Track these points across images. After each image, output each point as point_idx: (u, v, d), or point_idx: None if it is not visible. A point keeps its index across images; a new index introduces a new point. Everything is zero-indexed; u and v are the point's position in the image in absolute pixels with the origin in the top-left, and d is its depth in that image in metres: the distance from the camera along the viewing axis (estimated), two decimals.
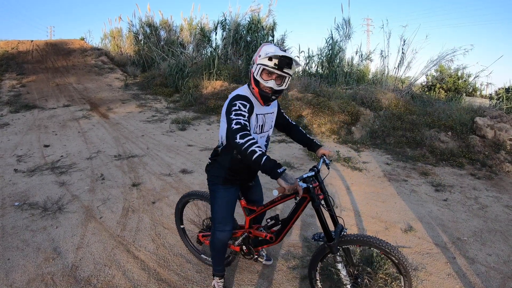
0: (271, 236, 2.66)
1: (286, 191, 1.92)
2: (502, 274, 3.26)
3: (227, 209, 2.63)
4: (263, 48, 2.23)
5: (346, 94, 11.07)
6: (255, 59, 2.26)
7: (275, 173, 1.92)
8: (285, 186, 1.90)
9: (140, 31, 19.86)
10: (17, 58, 18.67)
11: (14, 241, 3.65)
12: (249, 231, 2.83)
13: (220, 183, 2.58)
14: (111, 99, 12.98)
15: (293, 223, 2.56)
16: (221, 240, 2.68)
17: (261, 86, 2.25)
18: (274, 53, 2.13)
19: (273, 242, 2.67)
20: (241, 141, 1.98)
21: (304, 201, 2.41)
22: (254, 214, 2.78)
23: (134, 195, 4.92)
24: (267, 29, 16.26)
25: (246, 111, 2.18)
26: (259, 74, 2.22)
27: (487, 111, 8.18)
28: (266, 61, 2.17)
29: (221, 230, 2.65)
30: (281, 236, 2.63)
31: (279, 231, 2.64)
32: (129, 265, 3.28)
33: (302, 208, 2.45)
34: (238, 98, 2.24)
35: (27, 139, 7.96)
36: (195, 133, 8.92)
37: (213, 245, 2.75)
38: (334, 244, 2.35)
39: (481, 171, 6.42)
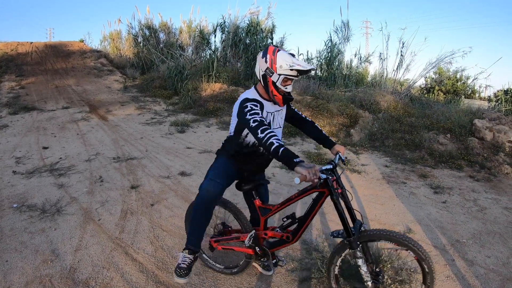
0: (288, 236, 2.63)
1: (307, 178, 1.97)
2: (501, 276, 3.26)
3: (224, 169, 2.68)
4: (280, 57, 2.36)
5: (345, 97, 11.09)
6: (273, 68, 2.38)
7: (292, 162, 2.03)
8: (305, 172, 1.97)
9: (140, 33, 19.87)
10: (16, 59, 18.67)
11: (12, 243, 3.64)
12: (264, 233, 2.79)
13: (225, 155, 2.75)
14: (110, 101, 12.97)
15: (311, 220, 2.56)
16: (209, 191, 2.58)
17: (281, 91, 2.46)
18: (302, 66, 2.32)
19: (290, 241, 2.64)
20: (261, 135, 2.16)
21: (322, 196, 2.44)
22: (270, 213, 2.77)
23: (133, 198, 4.91)
24: (266, 32, 16.28)
25: (258, 110, 2.37)
26: (280, 82, 2.41)
27: (486, 113, 8.19)
28: (288, 72, 2.35)
29: (211, 179, 2.61)
30: (298, 235, 2.60)
31: (295, 230, 2.61)
32: (128, 268, 3.27)
33: (320, 204, 2.47)
34: (248, 101, 2.44)
35: (25, 141, 7.95)
36: (194, 135, 8.92)
37: (197, 202, 2.65)
38: (354, 240, 2.33)
39: (480, 173, 6.42)
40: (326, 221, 4.35)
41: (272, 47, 2.43)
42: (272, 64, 2.38)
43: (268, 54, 2.41)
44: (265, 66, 2.41)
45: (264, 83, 2.49)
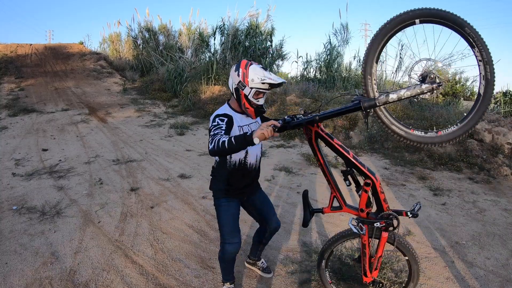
0: (366, 182, 2.35)
1: (265, 133, 2.00)
2: (500, 278, 3.26)
3: (233, 221, 2.71)
4: (252, 71, 2.41)
5: (344, 99, 11.09)
6: (245, 81, 2.42)
7: (247, 136, 2.03)
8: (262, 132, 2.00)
9: (139, 35, 19.91)
10: (16, 61, 18.66)
11: (12, 245, 3.65)
12: (360, 209, 2.43)
13: (222, 196, 2.71)
14: (110, 104, 12.97)
15: (346, 151, 2.37)
16: (231, 252, 2.70)
17: (253, 104, 2.49)
18: (272, 80, 2.37)
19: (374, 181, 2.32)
20: (211, 146, 2.14)
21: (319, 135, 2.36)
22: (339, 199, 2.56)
23: (133, 200, 4.91)
24: (266, 34, 16.32)
25: (224, 124, 2.38)
26: (252, 95, 2.44)
27: (485, 115, 8.20)
28: (260, 85, 2.40)
29: (230, 243, 2.68)
30: (368, 173, 2.33)
31: (362, 173, 2.36)
32: (128, 270, 3.27)
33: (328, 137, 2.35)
34: (217, 117, 2.45)
35: (25, 143, 7.95)
36: (194, 138, 8.93)
37: (223, 258, 2.78)
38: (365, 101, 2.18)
39: (479, 175, 6.43)
40: (325, 224, 4.36)
41: (244, 61, 2.48)
42: (244, 78, 2.43)
43: (240, 68, 2.45)
44: (238, 80, 2.45)
45: (236, 96, 2.54)
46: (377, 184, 2.31)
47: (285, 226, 4.21)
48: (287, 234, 4.07)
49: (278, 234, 3.98)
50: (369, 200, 2.40)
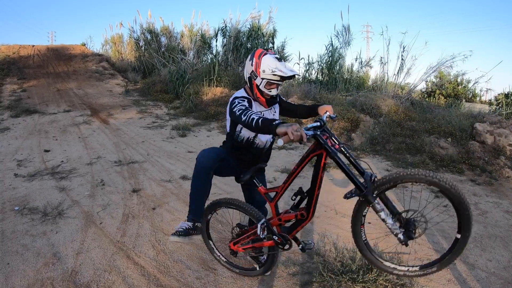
0: (302, 213, 2.52)
1: (290, 136, 1.95)
2: (502, 280, 3.26)
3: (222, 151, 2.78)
4: (264, 61, 2.44)
5: (346, 101, 11.09)
6: (257, 72, 2.46)
7: (272, 125, 2.05)
8: (287, 130, 1.95)
9: (141, 37, 19.90)
10: (18, 62, 18.70)
11: (13, 245, 3.66)
12: (279, 218, 2.68)
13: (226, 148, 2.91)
14: (112, 105, 12.99)
15: (319, 188, 2.46)
16: (205, 157, 2.63)
17: (265, 95, 2.57)
18: (283, 72, 2.40)
19: (306, 219, 2.52)
20: (244, 118, 2.24)
21: (321, 159, 2.38)
22: (278, 196, 2.74)
23: (134, 201, 4.92)
24: (268, 36, 16.31)
25: (246, 103, 2.48)
26: (263, 86, 2.50)
27: (487, 116, 8.19)
28: (271, 76, 2.44)
29: (203, 153, 2.65)
30: (312, 210, 2.48)
31: (308, 205, 2.50)
32: (129, 271, 3.27)
33: (322, 168, 2.39)
34: (236, 98, 2.56)
35: (27, 143, 7.98)
36: (196, 139, 8.93)
37: (195, 170, 2.69)
38: (368, 192, 2.22)
39: (481, 177, 6.42)
40: (327, 225, 4.35)
41: (259, 50, 2.50)
42: (257, 68, 2.47)
43: (254, 57, 2.50)
44: (251, 69, 2.51)
45: (249, 85, 2.61)
46: (306, 222, 2.54)
47: None
48: None
49: None
50: (290, 221, 2.64)
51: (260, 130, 2.17)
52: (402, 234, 2.19)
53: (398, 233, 2.19)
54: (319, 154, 2.38)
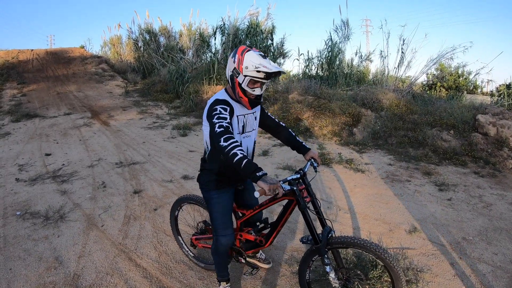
0: (261, 240, 2.71)
1: (267, 192, 1.94)
2: (509, 273, 3.22)
3: (224, 214, 2.65)
4: (247, 57, 2.26)
5: (347, 96, 11.04)
6: (239, 68, 2.28)
7: (255, 176, 1.96)
8: (265, 187, 1.94)
9: (140, 38, 19.90)
10: (18, 67, 18.74)
11: (16, 250, 3.65)
12: (240, 234, 2.87)
13: (212, 189, 2.62)
14: (112, 106, 12.99)
15: (282, 226, 2.62)
16: (225, 245, 2.65)
17: (248, 94, 2.35)
18: (267, 68, 2.22)
19: (263, 245, 2.72)
20: (225, 144, 2.05)
21: (291, 204, 2.48)
22: (244, 218, 2.82)
23: (136, 203, 4.90)
24: (266, 33, 16.27)
25: (227, 114, 2.27)
26: (246, 84, 2.30)
27: (489, 108, 8.13)
28: (255, 73, 2.24)
29: (223, 235, 2.63)
30: (270, 239, 2.67)
31: (268, 235, 2.69)
32: (131, 273, 3.25)
33: (289, 212, 2.54)
34: (218, 103, 2.34)
35: (28, 148, 7.97)
36: (196, 138, 8.91)
37: (217, 251, 2.72)
38: (321, 246, 2.36)
39: (485, 169, 6.38)
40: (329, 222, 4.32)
41: (242, 47, 2.33)
42: (239, 65, 2.28)
43: (237, 54, 2.32)
44: (233, 66, 2.33)
45: (231, 84, 2.39)
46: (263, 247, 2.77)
47: (289, 225, 4.18)
48: (292, 233, 4.04)
49: (283, 234, 3.96)
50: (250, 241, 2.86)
51: (238, 169, 2.00)
52: None
53: (337, 287, 2.43)
54: (291, 200, 2.48)
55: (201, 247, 3.30)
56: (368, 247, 2.24)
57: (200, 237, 3.25)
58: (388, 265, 2.23)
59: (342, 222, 4.32)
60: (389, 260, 2.22)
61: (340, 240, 2.35)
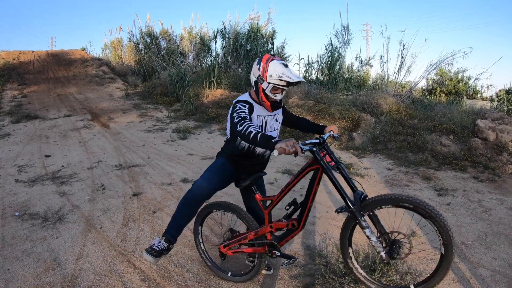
0: (293, 223, 2.65)
1: (286, 150, 2.05)
2: (508, 278, 3.22)
3: (217, 172, 2.83)
4: (272, 66, 2.49)
5: (347, 100, 11.06)
6: (264, 76, 2.51)
7: (271, 143, 2.13)
8: (283, 145, 2.05)
9: (141, 41, 19.92)
10: (19, 68, 18.74)
11: (14, 251, 3.64)
12: (270, 225, 2.79)
13: (223, 156, 2.90)
14: (112, 109, 12.99)
15: (312, 201, 2.58)
16: (197, 192, 2.75)
17: (270, 99, 2.60)
18: (290, 78, 2.44)
19: (297, 229, 2.65)
20: (240, 128, 2.31)
21: (317, 174, 2.48)
22: (272, 205, 2.81)
23: (135, 205, 4.90)
24: (267, 37, 16.30)
25: (245, 110, 2.54)
26: (269, 90, 2.55)
27: (488, 113, 8.14)
28: (277, 81, 2.48)
29: (201, 183, 2.76)
30: (303, 221, 2.61)
31: (300, 216, 2.64)
32: (129, 276, 3.24)
33: (317, 182, 2.51)
34: (238, 102, 2.62)
35: (28, 149, 7.96)
36: (196, 142, 8.91)
37: (185, 198, 2.81)
38: (355, 209, 2.32)
39: (484, 173, 6.38)
40: (329, 226, 4.32)
41: (267, 56, 2.56)
42: (264, 73, 2.52)
43: (261, 62, 2.54)
44: (258, 74, 2.56)
45: (255, 89, 2.64)
46: (296, 232, 2.67)
47: None
48: None
49: None
50: (282, 229, 2.77)
51: (257, 144, 2.22)
52: (385, 253, 2.30)
53: (380, 251, 2.31)
54: (316, 169, 2.49)
55: (231, 254, 3.18)
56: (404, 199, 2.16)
57: (229, 242, 3.13)
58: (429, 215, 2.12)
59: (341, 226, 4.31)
60: (429, 210, 2.11)
61: (375, 200, 2.27)
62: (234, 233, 3.20)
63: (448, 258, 2.13)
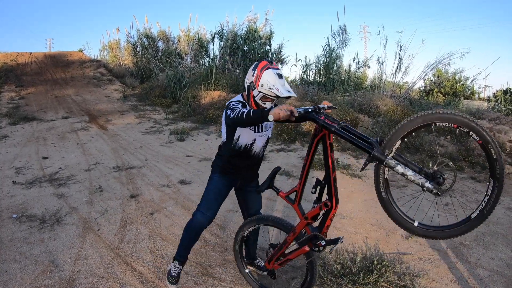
0: (325, 203, 2.42)
1: (281, 114, 2.04)
2: (505, 278, 3.23)
3: (215, 196, 2.84)
4: (265, 76, 2.48)
5: (344, 101, 11.07)
6: (256, 84, 2.52)
7: (265, 113, 2.12)
8: (277, 110, 2.06)
9: (138, 42, 19.91)
10: (16, 70, 18.69)
11: (11, 253, 3.63)
12: (305, 217, 2.56)
13: (217, 172, 2.88)
14: (110, 111, 12.97)
15: (334, 169, 2.39)
16: (200, 222, 2.83)
17: (259, 106, 2.59)
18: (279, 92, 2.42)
19: (332, 207, 2.42)
20: (233, 114, 2.31)
21: (325, 139, 2.34)
22: (298, 196, 2.64)
23: (132, 207, 4.89)
24: (264, 39, 16.31)
25: (240, 106, 2.53)
26: (259, 98, 2.55)
27: (486, 113, 8.17)
28: (268, 92, 2.47)
29: (203, 212, 2.83)
30: (333, 196, 2.39)
31: (329, 193, 2.43)
32: (127, 278, 3.24)
33: (330, 148, 2.36)
34: (232, 101, 2.63)
35: (25, 151, 7.94)
36: (194, 143, 8.91)
37: (189, 227, 2.90)
38: (377, 151, 2.05)
39: (482, 174, 6.39)
40: None
41: (263, 63, 2.53)
42: (256, 80, 2.51)
43: (257, 69, 2.53)
44: (251, 80, 2.55)
45: (247, 93, 2.65)
46: (332, 211, 2.43)
47: None
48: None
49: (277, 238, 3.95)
50: (317, 215, 2.53)
51: (252, 119, 2.21)
52: (430, 183, 1.95)
53: (424, 183, 1.95)
54: (322, 136, 2.36)
55: (279, 267, 2.93)
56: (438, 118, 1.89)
57: (272, 257, 2.87)
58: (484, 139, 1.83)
59: (338, 227, 4.32)
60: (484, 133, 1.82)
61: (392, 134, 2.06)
62: (274, 247, 2.94)
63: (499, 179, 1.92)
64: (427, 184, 1.94)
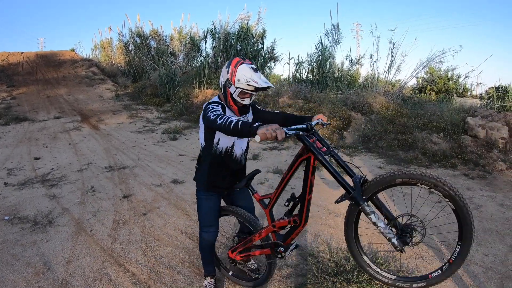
0: (294, 219, 2.49)
1: (267, 135, 1.95)
2: (500, 274, 3.24)
3: (210, 214, 2.85)
4: (240, 71, 2.45)
5: (337, 99, 11.09)
6: (232, 80, 2.47)
7: (252, 128, 2.02)
8: (264, 130, 1.96)
9: (130, 41, 19.83)
10: (7, 70, 18.54)
11: (3, 256, 3.59)
12: (273, 225, 2.65)
13: (202, 189, 2.80)
14: (102, 110, 12.89)
15: (310, 193, 2.40)
16: (208, 240, 2.88)
17: (238, 103, 2.55)
18: (257, 83, 2.40)
19: (300, 224, 2.48)
20: (220, 121, 2.18)
21: (310, 161, 2.32)
22: (271, 204, 2.73)
23: (125, 207, 4.86)
24: (257, 37, 16.28)
25: (219, 109, 2.40)
26: (237, 95, 2.50)
27: (478, 110, 8.22)
28: (245, 86, 2.43)
29: (206, 231, 2.86)
30: (304, 215, 2.44)
31: (300, 211, 2.47)
32: (120, 279, 3.22)
33: (311, 171, 2.34)
34: (210, 103, 2.51)
35: (17, 152, 7.87)
36: (187, 142, 8.88)
37: (202, 247, 2.97)
38: (356, 194, 2.12)
39: (475, 171, 6.43)
40: (320, 226, 4.32)
41: (236, 59, 2.50)
42: (232, 76, 2.47)
43: (230, 66, 2.49)
44: (226, 77, 2.51)
45: (223, 92, 2.60)
46: (299, 228, 2.50)
47: None
48: None
49: None
50: (284, 227, 2.61)
51: (238, 132, 2.10)
52: (396, 240, 2.05)
53: (391, 238, 2.05)
54: (307, 158, 2.33)
55: (240, 259, 3.03)
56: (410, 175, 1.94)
57: (236, 247, 3.01)
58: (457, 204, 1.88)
59: (332, 225, 4.31)
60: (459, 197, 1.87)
61: (376, 181, 2.05)
62: (241, 237, 3.06)
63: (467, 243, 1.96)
64: (393, 240, 2.05)
